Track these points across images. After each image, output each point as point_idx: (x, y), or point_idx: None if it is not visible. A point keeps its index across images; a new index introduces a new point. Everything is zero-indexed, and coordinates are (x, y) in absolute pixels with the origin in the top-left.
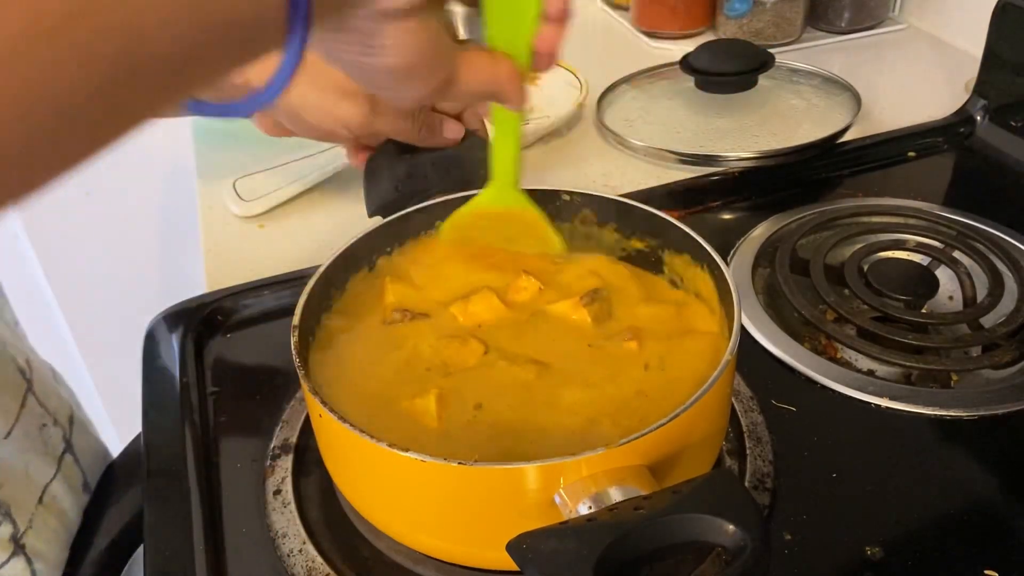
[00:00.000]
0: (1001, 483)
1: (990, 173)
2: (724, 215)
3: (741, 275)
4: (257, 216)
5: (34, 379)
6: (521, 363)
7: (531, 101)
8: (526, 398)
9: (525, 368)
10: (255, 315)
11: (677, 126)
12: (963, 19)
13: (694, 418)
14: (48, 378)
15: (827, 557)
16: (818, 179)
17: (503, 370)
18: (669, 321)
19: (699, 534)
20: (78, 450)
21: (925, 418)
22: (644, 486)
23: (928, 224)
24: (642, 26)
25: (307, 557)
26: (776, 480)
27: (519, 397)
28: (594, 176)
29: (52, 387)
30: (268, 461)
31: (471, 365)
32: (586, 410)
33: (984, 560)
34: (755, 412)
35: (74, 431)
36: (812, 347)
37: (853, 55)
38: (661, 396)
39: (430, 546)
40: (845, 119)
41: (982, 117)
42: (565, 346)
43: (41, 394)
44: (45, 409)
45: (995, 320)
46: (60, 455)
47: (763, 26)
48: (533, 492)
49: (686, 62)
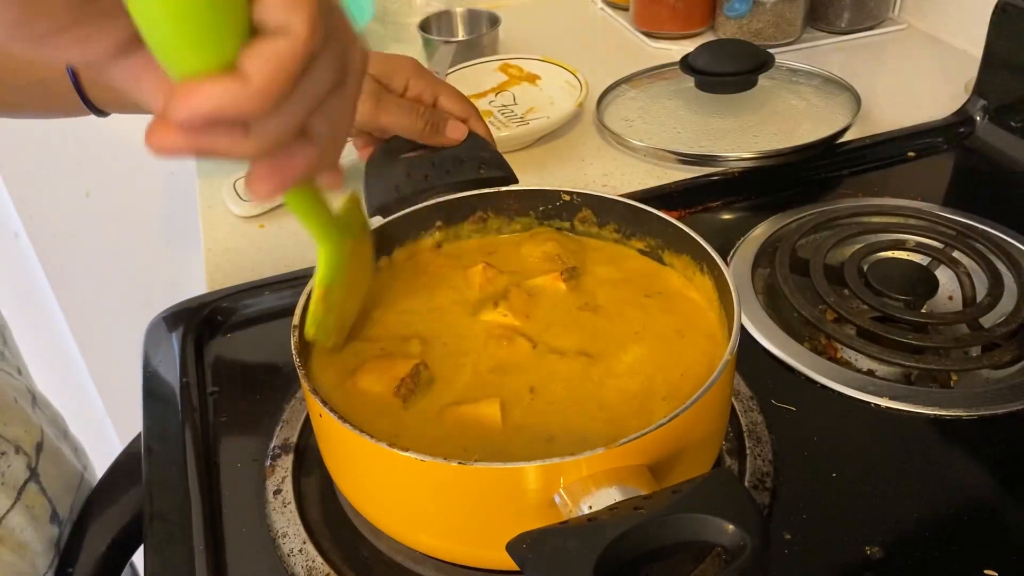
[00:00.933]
0: (1001, 483)
1: (990, 173)
2: (724, 215)
3: (741, 275)
4: (257, 216)
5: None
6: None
7: (533, 104)
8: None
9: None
10: (255, 315)
11: (677, 126)
12: (963, 19)
13: (694, 418)
14: (10, 404)
15: (827, 557)
16: (818, 179)
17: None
18: (641, 277)
19: (699, 534)
20: (46, 479)
21: (925, 418)
22: (644, 486)
23: (928, 224)
24: (642, 26)
25: (307, 557)
26: (776, 480)
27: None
28: (594, 176)
29: (17, 414)
30: (268, 461)
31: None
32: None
33: (984, 560)
34: (755, 412)
35: (42, 459)
36: (812, 347)
37: (853, 55)
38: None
39: (430, 546)
40: (845, 119)
41: (982, 117)
42: (554, 315)
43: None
44: (2, 438)
45: (995, 320)
46: (21, 485)
47: (763, 26)
48: (533, 492)
49: (686, 62)
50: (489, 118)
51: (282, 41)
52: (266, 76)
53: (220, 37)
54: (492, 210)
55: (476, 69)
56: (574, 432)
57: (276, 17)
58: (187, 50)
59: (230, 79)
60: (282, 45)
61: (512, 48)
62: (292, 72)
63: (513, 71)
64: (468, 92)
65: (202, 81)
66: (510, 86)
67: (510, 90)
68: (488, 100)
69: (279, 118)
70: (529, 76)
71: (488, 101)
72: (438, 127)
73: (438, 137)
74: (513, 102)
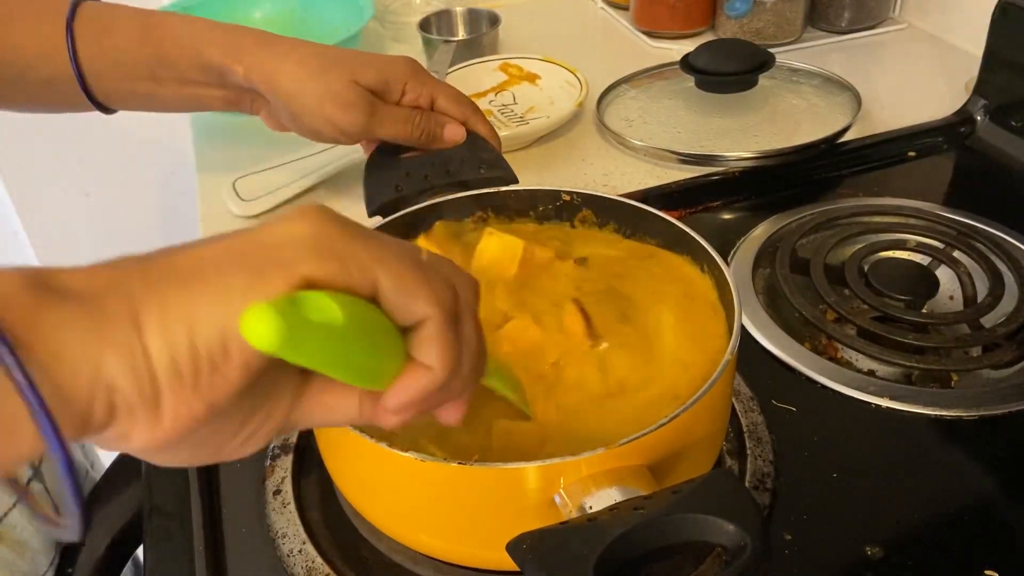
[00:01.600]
0: (1001, 483)
1: (990, 173)
2: (724, 215)
3: (741, 275)
4: (257, 216)
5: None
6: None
7: (533, 104)
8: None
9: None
10: None
11: (677, 126)
12: (963, 19)
13: (694, 418)
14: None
15: (827, 557)
16: (818, 179)
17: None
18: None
19: (699, 534)
20: (50, 477)
21: (925, 418)
22: (644, 486)
23: (928, 224)
24: (642, 26)
25: (307, 557)
26: (776, 480)
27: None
28: (594, 176)
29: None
30: (268, 461)
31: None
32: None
33: (984, 560)
34: (755, 412)
35: (46, 457)
36: (812, 347)
37: (853, 55)
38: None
39: (430, 546)
40: (845, 119)
41: (982, 117)
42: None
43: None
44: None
45: (995, 320)
46: (24, 484)
47: (763, 26)
48: (533, 492)
49: (686, 62)
50: (489, 118)
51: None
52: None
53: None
54: (492, 210)
55: (476, 68)
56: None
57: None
58: (376, 372)
59: (419, 373)
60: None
61: (512, 48)
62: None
63: (513, 71)
64: (468, 91)
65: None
66: (510, 86)
67: (510, 90)
68: (488, 100)
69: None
70: (529, 76)
71: (488, 101)
72: (434, 135)
73: (435, 143)
74: (513, 102)
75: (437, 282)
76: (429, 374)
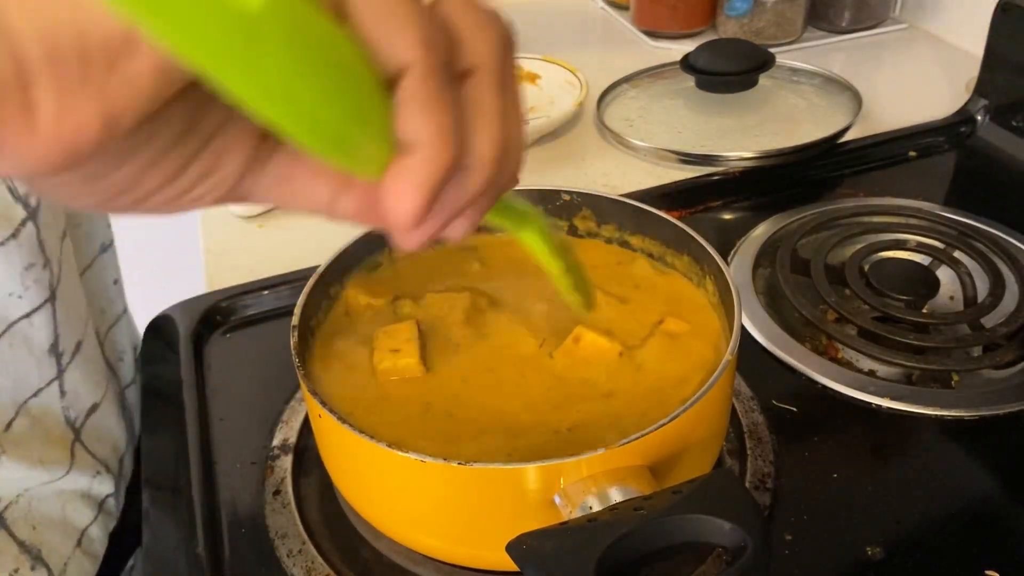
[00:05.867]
0: (1001, 483)
1: (991, 173)
2: (724, 215)
3: (742, 275)
4: (257, 216)
5: (85, 426)
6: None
7: (533, 104)
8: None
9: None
10: (255, 315)
11: (677, 126)
12: (964, 19)
13: (694, 418)
14: (106, 417)
15: (827, 557)
16: (819, 179)
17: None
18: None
19: (700, 534)
20: (119, 494)
21: (926, 418)
22: (644, 486)
23: (929, 224)
24: (642, 25)
25: (307, 557)
26: (776, 480)
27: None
28: (594, 176)
29: (105, 427)
30: (268, 461)
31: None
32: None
33: (984, 560)
34: (755, 412)
35: (123, 471)
36: (813, 347)
37: (854, 55)
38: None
39: (430, 546)
40: (846, 119)
41: (983, 117)
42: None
43: (91, 441)
44: (94, 457)
45: (996, 320)
46: (102, 500)
47: (764, 25)
48: (533, 492)
49: (686, 62)
50: None
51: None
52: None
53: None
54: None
55: None
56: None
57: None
58: (357, 133)
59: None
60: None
61: None
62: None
63: None
64: None
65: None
66: None
67: None
68: None
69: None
70: (529, 75)
71: None
72: None
73: None
74: None
75: (434, 19)
76: (417, 157)
